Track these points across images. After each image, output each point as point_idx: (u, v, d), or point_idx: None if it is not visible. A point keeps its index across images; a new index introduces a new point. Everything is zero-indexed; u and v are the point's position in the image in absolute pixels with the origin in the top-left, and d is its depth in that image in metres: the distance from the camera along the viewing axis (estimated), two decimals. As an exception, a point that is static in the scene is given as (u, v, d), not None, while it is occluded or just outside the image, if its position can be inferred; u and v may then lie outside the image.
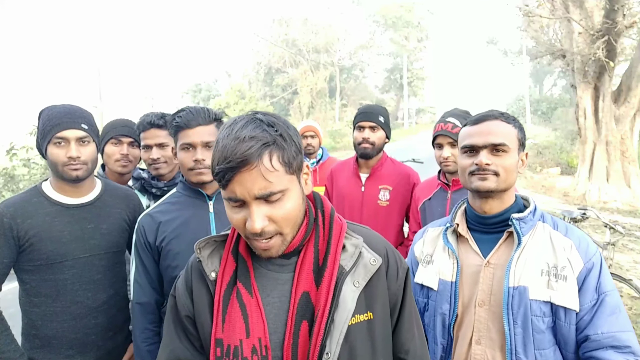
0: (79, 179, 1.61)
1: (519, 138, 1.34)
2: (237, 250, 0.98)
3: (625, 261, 5.84)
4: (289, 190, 0.89)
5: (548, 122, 26.37)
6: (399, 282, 1.02)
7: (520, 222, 1.28)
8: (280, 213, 0.87)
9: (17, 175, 8.86)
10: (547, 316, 1.22)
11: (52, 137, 1.55)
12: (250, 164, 0.83)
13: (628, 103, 9.82)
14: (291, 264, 0.96)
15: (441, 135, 2.06)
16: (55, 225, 1.59)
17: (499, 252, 1.31)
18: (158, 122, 2.09)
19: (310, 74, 34.80)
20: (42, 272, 1.57)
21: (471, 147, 1.33)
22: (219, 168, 0.85)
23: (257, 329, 0.90)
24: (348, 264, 0.94)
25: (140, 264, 1.61)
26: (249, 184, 0.84)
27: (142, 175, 2.20)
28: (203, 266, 0.97)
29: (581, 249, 1.24)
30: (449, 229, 1.42)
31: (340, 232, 0.98)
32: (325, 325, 0.88)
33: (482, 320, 1.30)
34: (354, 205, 2.45)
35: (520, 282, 1.23)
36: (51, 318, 1.59)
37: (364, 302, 0.94)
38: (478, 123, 1.34)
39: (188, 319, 0.99)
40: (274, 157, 0.86)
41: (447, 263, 1.38)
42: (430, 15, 40.83)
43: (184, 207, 1.63)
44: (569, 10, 10.26)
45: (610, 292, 1.21)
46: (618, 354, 1.15)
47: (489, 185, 1.29)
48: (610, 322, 1.18)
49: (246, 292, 0.93)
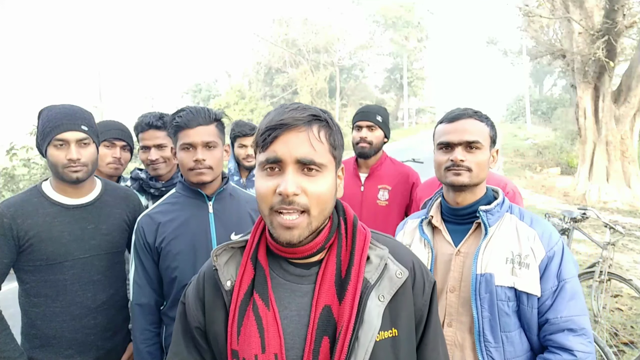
0: (80, 181, 1.61)
1: (491, 135, 1.44)
2: (256, 257, 0.93)
3: (625, 261, 5.84)
4: (328, 171, 0.86)
5: (548, 122, 26.41)
6: (425, 296, 0.95)
7: (487, 213, 1.37)
8: (314, 188, 0.83)
9: (17, 175, 8.86)
10: (512, 301, 1.31)
11: (52, 139, 1.55)
12: (299, 127, 0.84)
13: (628, 103, 9.82)
14: (311, 275, 0.90)
15: None
16: (55, 225, 1.59)
17: (469, 242, 1.41)
18: (156, 123, 2.10)
19: (310, 74, 34.80)
20: (42, 273, 1.57)
21: (447, 144, 1.42)
22: (267, 126, 0.84)
23: (274, 344, 0.85)
24: (373, 277, 0.88)
25: (139, 264, 1.60)
26: (293, 145, 0.83)
27: (140, 175, 2.21)
28: (219, 275, 0.92)
29: (544, 238, 1.34)
30: (424, 220, 1.51)
31: (365, 242, 0.92)
32: (349, 342, 0.82)
33: (452, 305, 1.39)
34: (353, 205, 2.45)
35: (486, 269, 1.33)
36: (51, 318, 1.59)
37: (389, 317, 0.89)
38: (454, 121, 1.43)
39: (198, 330, 0.96)
40: (322, 131, 0.86)
41: (423, 252, 1.47)
42: (430, 15, 40.92)
43: (183, 207, 1.63)
44: (569, 10, 10.26)
45: (570, 279, 1.31)
46: (574, 337, 1.26)
47: (462, 180, 1.38)
48: (569, 307, 1.28)
49: (263, 304, 0.88)
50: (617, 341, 3.59)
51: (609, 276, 3.48)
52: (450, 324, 1.39)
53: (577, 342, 1.26)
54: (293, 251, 0.89)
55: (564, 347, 1.26)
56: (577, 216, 3.87)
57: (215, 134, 1.60)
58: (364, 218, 2.41)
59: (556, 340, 1.28)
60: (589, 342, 1.28)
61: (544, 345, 1.33)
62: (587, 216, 3.85)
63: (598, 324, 3.43)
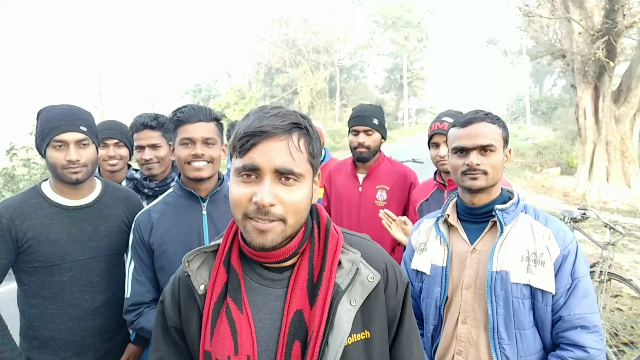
0: (79, 182, 1.60)
1: (503, 136, 1.46)
2: (229, 261, 0.93)
3: (625, 261, 5.84)
4: (305, 180, 0.86)
5: (548, 122, 26.40)
6: (398, 297, 0.96)
7: (503, 212, 1.41)
8: (291, 198, 0.83)
9: (17, 175, 8.86)
10: (527, 298, 1.35)
11: (50, 140, 1.54)
12: (279, 135, 0.82)
13: (628, 103, 9.82)
14: (284, 279, 0.91)
15: (437, 134, 2.10)
16: (54, 227, 1.58)
17: (484, 240, 1.44)
18: (151, 124, 2.11)
19: (310, 74, 34.80)
20: (40, 274, 1.57)
21: (461, 149, 1.44)
22: (246, 131, 0.83)
23: (246, 346, 0.86)
24: (344, 282, 0.89)
25: (139, 261, 1.60)
26: (272, 154, 0.82)
27: (134, 175, 2.23)
28: (192, 280, 0.92)
29: (559, 237, 1.36)
30: (441, 219, 1.55)
31: (337, 247, 0.92)
32: (319, 348, 0.83)
33: (468, 302, 1.42)
34: (352, 206, 2.45)
35: (502, 267, 1.36)
36: (49, 319, 1.59)
37: (361, 320, 0.90)
38: (466, 125, 1.44)
39: (175, 329, 0.97)
40: (302, 140, 0.85)
41: (439, 250, 1.51)
42: (430, 15, 40.89)
43: (177, 208, 1.63)
44: (569, 10, 10.26)
45: (583, 277, 1.34)
46: (587, 334, 1.30)
47: (480, 184, 1.41)
48: (582, 305, 1.31)
49: (236, 307, 0.88)
50: (617, 341, 3.59)
51: (609, 276, 3.48)
52: (465, 321, 1.42)
53: (589, 339, 1.29)
54: (266, 255, 0.89)
55: (577, 344, 1.29)
56: (577, 216, 3.86)
57: (215, 132, 1.61)
58: (362, 219, 2.40)
59: (569, 337, 1.30)
60: (601, 340, 1.31)
61: (556, 343, 1.35)
62: (587, 216, 3.84)
63: (598, 324, 3.43)
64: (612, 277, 3.48)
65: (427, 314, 1.53)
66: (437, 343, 1.50)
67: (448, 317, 1.47)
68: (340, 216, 2.49)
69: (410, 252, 1.65)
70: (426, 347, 1.55)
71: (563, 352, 1.31)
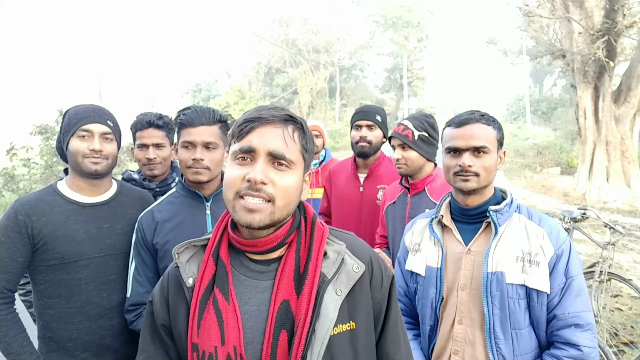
0: (98, 174, 1.59)
1: (498, 138, 1.45)
2: (217, 253, 0.95)
3: (625, 261, 5.84)
4: (296, 169, 0.91)
5: (548, 122, 26.38)
6: (383, 290, 0.98)
7: (497, 213, 1.41)
8: (282, 181, 0.88)
9: (17, 175, 8.87)
10: (522, 298, 1.36)
11: (77, 130, 1.55)
12: (275, 123, 0.90)
13: (628, 103, 9.82)
14: (271, 271, 0.93)
15: (392, 137, 2.07)
16: (71, 223, 1.57)
17: (479, 241, 1.44)
18: (157, 122, 2.09)
19: (310, 74, 34.79)
20: (56, 272, 1.55)
21: (455, 149, 1.44)
22: (245, 119, 0.90)
23: (233, 336, 0.87)
24: (330, 272, 0.91)
25: (140, 262, 1.59)
26: (268, 138, 0.88)
27: (132, 176, 2.20)
28: (180, 272, 0.95)
29: (552, 237, 1.37)
30: (434, 219, 1.54)
31: (322, 238, 0.95)
32: (306, 336, 0.85)
33: (463, 302, 1.42)
34: (353, 206, 2.45)
35: (497, 268, 1.37)
36: (66, 319, 1.57)
37: (347, 311, 0.91)
38: (461, 126, 1.44)
39: (163, 327, 0.98)
40: (296, 132, 0.92)
41: (433, 251, 1.51)
42: (430, 15, 40.74)
43: (180, 208, 1.62)
44: (569, 10, 10.26)
45: (576, 276, 1.35)
46: (581, 332, 1.31)
47: (470, 186, 1.41)
48: (576, 303, 1.33)
49: (223, 298, 0.90)
50: (617, 341, 3.59)
51: (609, 276, 3.48)
52: (461, 321, 1.43)
53: (583, 338, 1.31)
54: (254, 244, 0.91)
55: (571, 343, 1.31)
56: (577, 216, 3.86)
57: (217, 135, 1.59)
58: (363, 218, 2.40)
59: (563, 336, 1.32)
60: (594, 337, 1.33)
61: (551, 341, 1.37)
62: (587, 216, 3.84)
63: (598, 324, 3.43)
64: (612, 277, 3.48)
65: (423, 315, 1.54)
66: (434, 343, 1.51)
67: (444, 318, 1.48)
68: (341, 216, 2.49)
69: (404, 252, 1.64)
70: (423, 346, 1.56)
71: (557, 351, 1.33)
